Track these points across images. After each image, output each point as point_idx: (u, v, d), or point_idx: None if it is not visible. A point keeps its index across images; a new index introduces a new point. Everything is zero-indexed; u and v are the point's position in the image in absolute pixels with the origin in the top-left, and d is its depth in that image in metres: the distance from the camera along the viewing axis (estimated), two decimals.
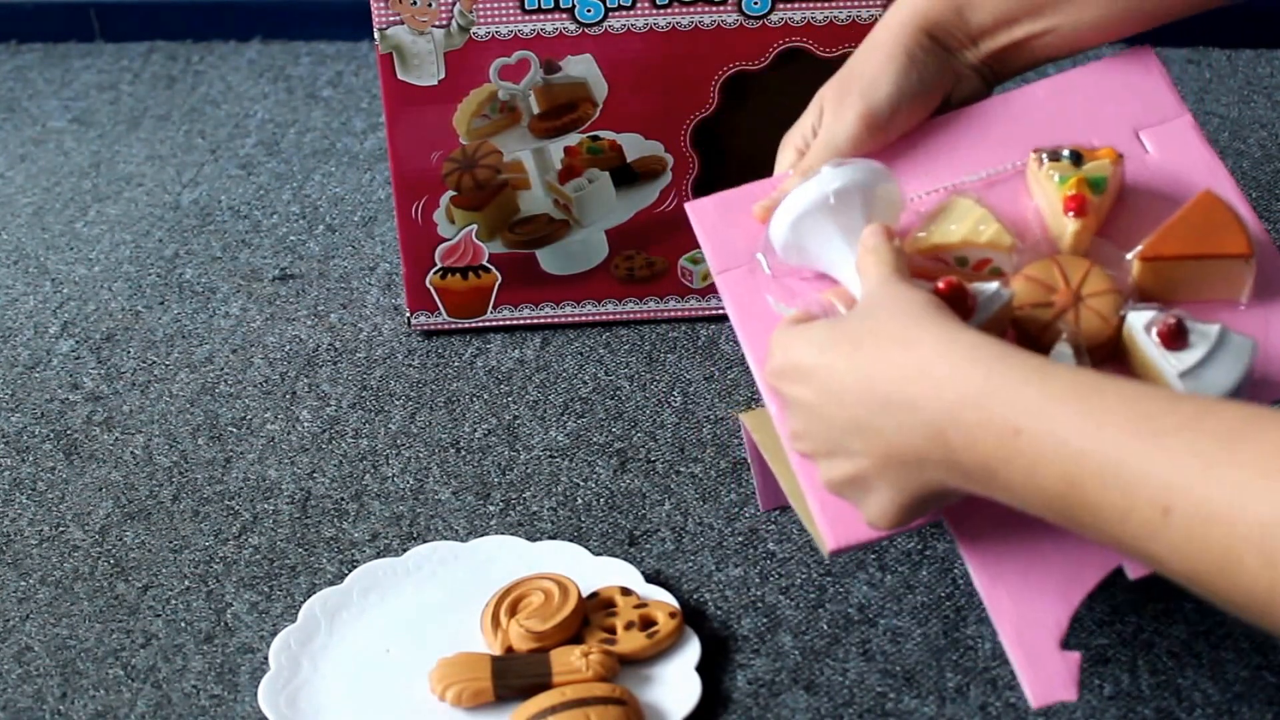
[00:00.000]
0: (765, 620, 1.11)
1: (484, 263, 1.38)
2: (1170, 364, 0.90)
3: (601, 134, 1.33)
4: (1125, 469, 0.72)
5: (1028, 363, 0.79)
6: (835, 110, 1.05)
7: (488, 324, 1.41)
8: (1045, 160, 1.00)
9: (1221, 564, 0.69)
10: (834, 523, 0.93)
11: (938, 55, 1.06)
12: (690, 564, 1.16)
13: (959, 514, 0.92)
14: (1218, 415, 0.72)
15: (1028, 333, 0.94)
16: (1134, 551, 0.74)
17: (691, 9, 1.28)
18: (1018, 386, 0.77)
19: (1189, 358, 0.90)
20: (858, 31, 1.24)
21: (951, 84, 1.07)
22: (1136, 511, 0.72)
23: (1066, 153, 0.99)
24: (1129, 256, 0.97)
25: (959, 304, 0.90)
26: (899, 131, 1.06)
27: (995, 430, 0.77)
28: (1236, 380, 0.90)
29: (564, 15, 1.28)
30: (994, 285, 0.93)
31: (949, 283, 0.91)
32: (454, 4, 1.27)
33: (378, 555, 1.18)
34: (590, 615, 1.09)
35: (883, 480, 0.85)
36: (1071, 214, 0.96)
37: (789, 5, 1.27)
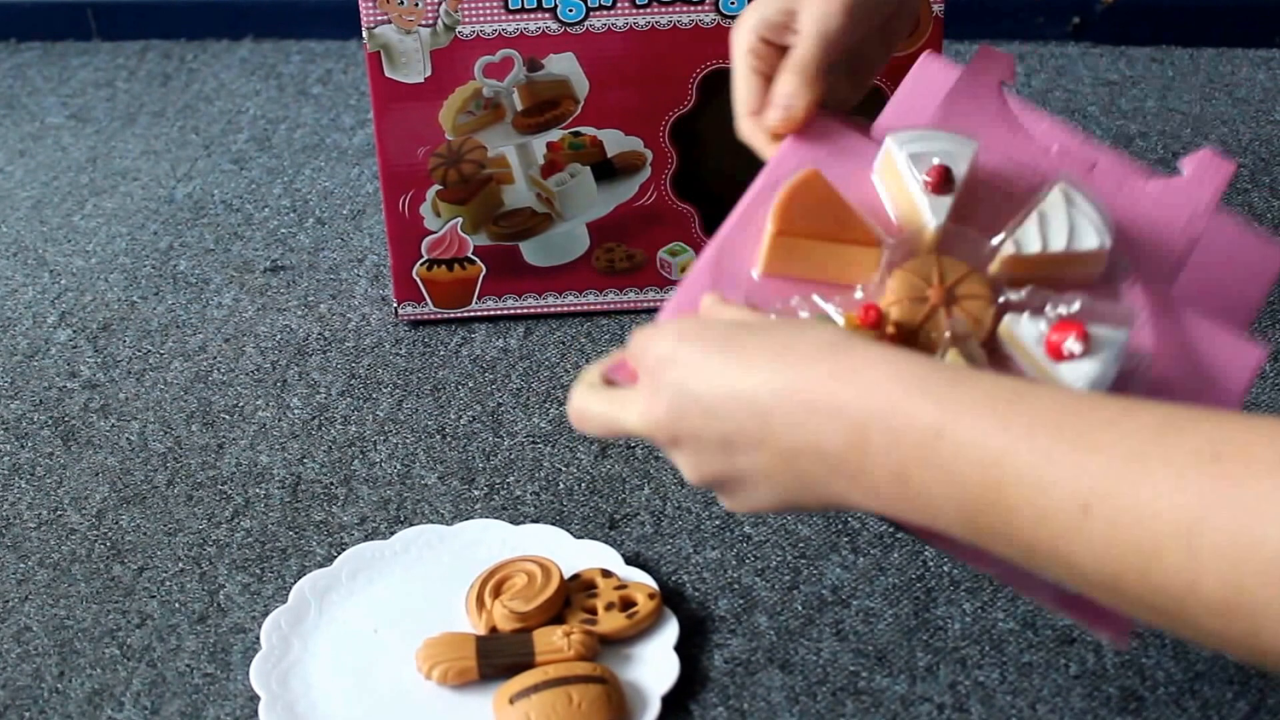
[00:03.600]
0: (742, 601, 1.12)
1: (469, 255, 1.39)
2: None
3: (583, 130, 1.34)
4: (1046, 467, 0.70)
5: (952, 369, 0.76)
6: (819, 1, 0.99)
7: (472, 314, 1.43)
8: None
9: (1140, 561, 0.67)
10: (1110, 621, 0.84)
11: None
12: (669, 547, 1.17)
13: None
14: (1141, 414, 0.70)
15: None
16: (1048, 557, 0.71)
17: (670, 9, 1.29)
18: (942, 389, 0.74)
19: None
20: None
21: None
22: (1055, 511, 0.69)
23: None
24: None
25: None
26: (868, 26, 1.02)
27: (917, 432, 0.73)
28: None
29: (547, 15, 1.30)
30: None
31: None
32: (440, 3, 1.29)
33: (366, 538, 1.19)
34: (572, 596, 1.10)
35: (770, 482, 0.81)
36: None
37: None
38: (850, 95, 1.06)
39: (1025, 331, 0.91)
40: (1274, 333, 1.37)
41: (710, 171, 1.36)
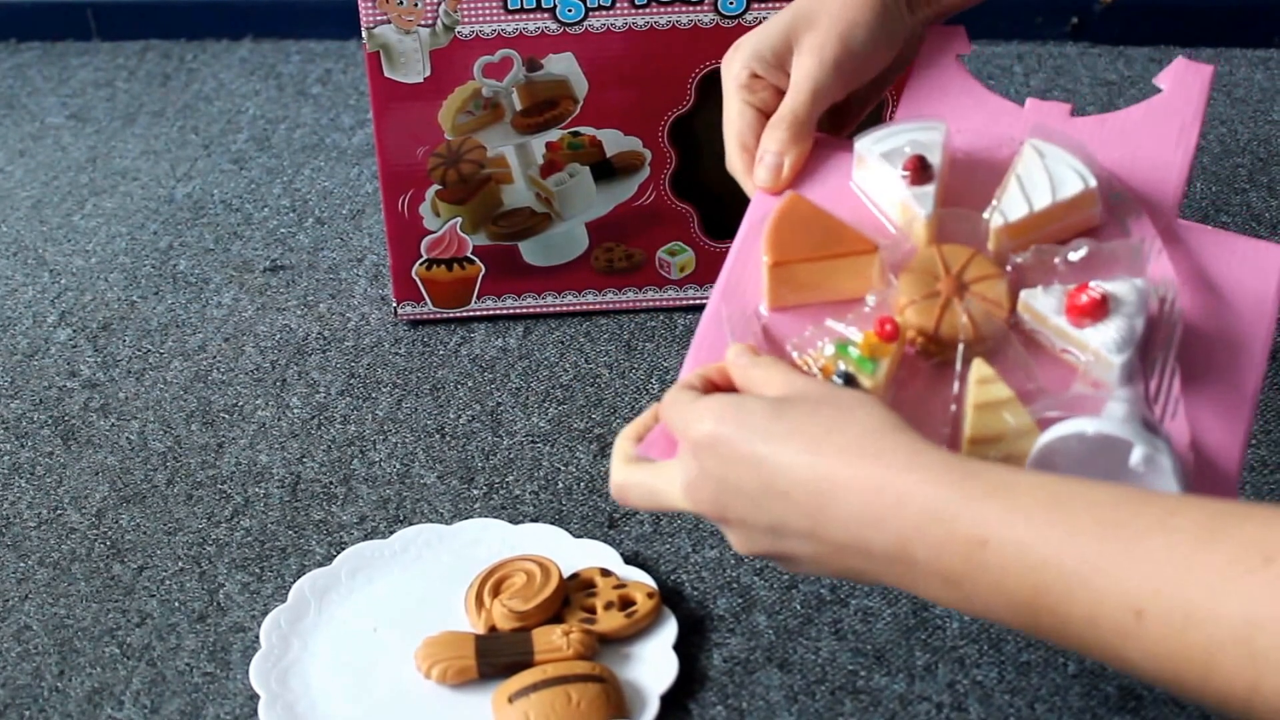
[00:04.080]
0: (740, 600, 1.13)
1: (468, 254, 1.40)
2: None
3: (582, 130, 1.34)
4: (1095, 574, 0.70)
5: (993, 473, 0.76)
6: (814, 52, 1.02)
7: (472, 314, 1.43)
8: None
9: (1199, 664, 0.67)
10: None
11: (902, 11, 1.05)
12: (668, 546, 1.17)
13: None
14: (1186, 514, 0.70)
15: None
16: (1104, 655, 0.72)
17: (669, 9, 1.30)
18: (983, 498, 0.75)
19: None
20: None
21: (903, 43, 1.07)
22: (1107, 616, 0.70)
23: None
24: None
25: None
26: (860, 82, 1.05)
27: (961, 543, 0.74)
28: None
29: (546, 15, 1.30)
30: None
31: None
32: (439, 4, 1.29)
33: (365, 537, 1.19)
34: (571, 595, 1.10)
35: (821, 565, 0.82)
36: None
37: (763, 5, 1.29)
38: (837, 134, 1.07)
39: (1043, 304, 0.91)
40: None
41: (709, 171, 1.36)
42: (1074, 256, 0.93)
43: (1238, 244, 0.95)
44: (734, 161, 1.05)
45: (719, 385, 0.90)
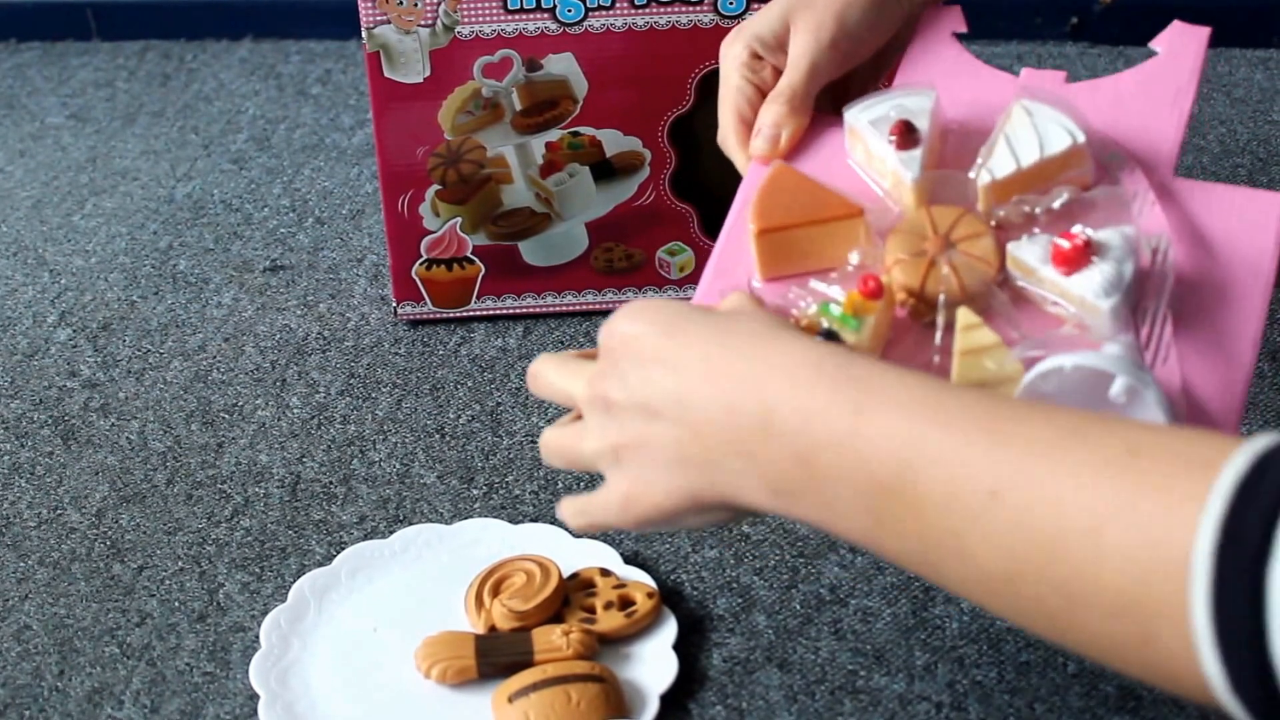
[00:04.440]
0: (740, 600, 1.13)
1: (468, 254, 1.40)
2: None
3: (582, 130, 1.35)
4: (959, 452, 0.70)
5: (873, 362, 0.77)
6: (810, 31, 1.03)
7: (471, 314, 1.43)
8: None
9: (1043, 551, 0.67)
10: None
11: None
12: (667, 546, 1.17)
13: None
14: (1060, 414, 0.71)
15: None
16: (946, 551, 0.71)
17: (669, 9, 1.30)
18: (859, 378, 0.75)
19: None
20: None
21: (900, 23, 1.08)
22: (963, 495, 0.69)
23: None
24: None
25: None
26: (857, 60, 1.06)
27: (830, 416, 0.74)
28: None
29: (545, 15, 1.30)
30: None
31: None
32: (439, 4, 1.29)
33: (365, 537, 1.19)
34: (571, 595, 1.10)
35: (670, 457, 0.81)
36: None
37: (763, 5, 1.29)
38: (834, 113, 1.07)
39: (1029, 254, 0.91)
40: (1273, 331, 1.37)
41: (708, 171, 1.36)
42: (1055, 204, 0.93)
43: (1235, 195, 0.95)
44: (728, 135, 1.06)
45: None
